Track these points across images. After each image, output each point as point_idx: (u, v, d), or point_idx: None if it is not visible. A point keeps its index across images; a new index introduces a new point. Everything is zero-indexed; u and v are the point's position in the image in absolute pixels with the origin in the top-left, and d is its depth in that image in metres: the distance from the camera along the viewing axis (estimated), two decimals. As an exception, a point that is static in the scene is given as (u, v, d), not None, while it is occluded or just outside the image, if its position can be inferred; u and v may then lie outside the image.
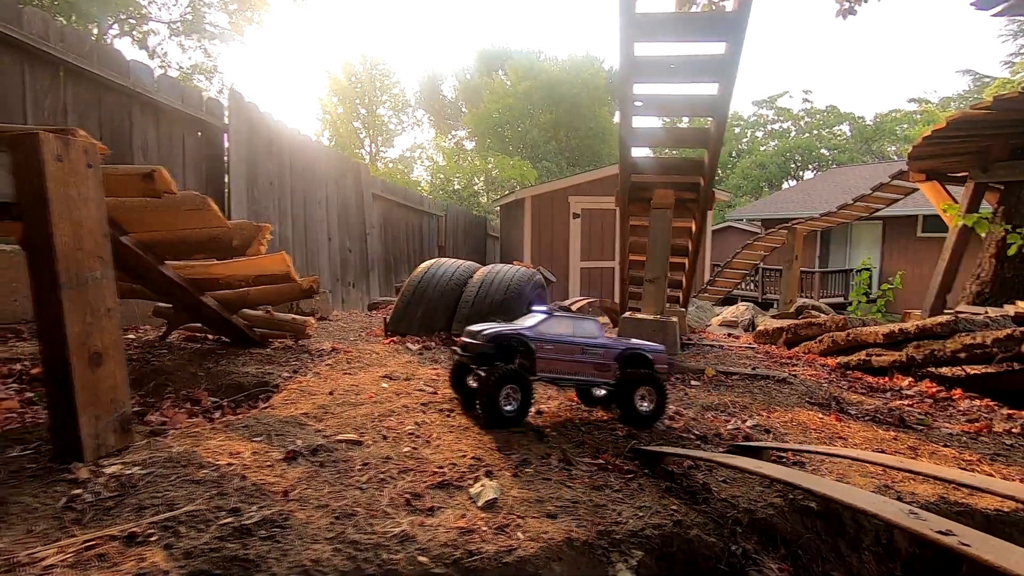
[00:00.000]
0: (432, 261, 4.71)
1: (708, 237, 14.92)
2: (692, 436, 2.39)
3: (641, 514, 1.66)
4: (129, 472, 1.59)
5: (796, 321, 5.32)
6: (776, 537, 1.75)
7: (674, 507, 1.72)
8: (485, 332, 2.25)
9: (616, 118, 32.02)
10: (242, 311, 3.13)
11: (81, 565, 1.18)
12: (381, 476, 1.71)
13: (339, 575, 1.25)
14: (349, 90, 29.79)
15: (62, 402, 1.60)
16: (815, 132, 37.34)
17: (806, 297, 12.30)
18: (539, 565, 1.40)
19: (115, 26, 20.42)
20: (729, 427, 2.57)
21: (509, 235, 16.63)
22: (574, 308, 7.93)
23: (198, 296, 2.72)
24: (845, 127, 37.85)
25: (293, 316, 3.38)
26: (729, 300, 13.98)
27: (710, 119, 4.05)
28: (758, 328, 5.65)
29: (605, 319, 8.68)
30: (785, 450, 2.22)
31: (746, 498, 1.83)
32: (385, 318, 4.58)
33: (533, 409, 2.48)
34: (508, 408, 2.16)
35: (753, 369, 3.99)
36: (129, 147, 5.33)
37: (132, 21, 20.89)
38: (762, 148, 38.22)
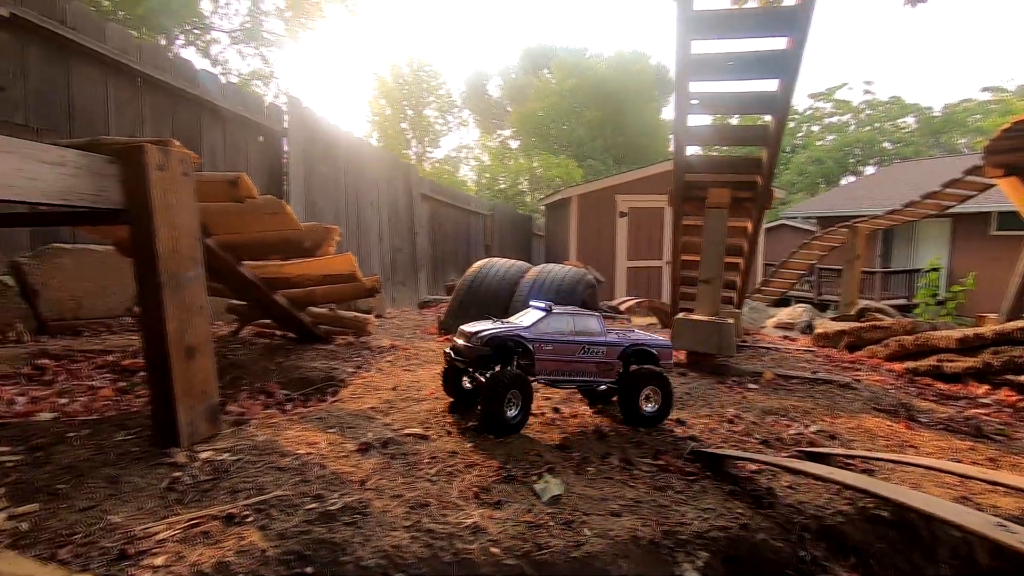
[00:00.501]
0: (484, 261, 4.79)
1: (761, 236, 14.46)
2: (753, 440, 2.36)
3: (706, 516, 1.66)
4: (220, 458, 1.71)
5: (859, 324, 5.11)
6: (846, 545, 1.71)
7: (739, 510, 1.71)
8: (482, 334, 2.11)
9: (665, 115, 31.53)
10: (308, 309, 3.29)
11: (189, 541, 1.30)
12: (449, 469, 1.78)
13: (418, 561, 1.32)
14: (396, 92, 30.43)
15: (162, 392, 1.74)
16: (876, 125, 35.50)
17: (866, 298, 11.75)
18: (607, 561, 1.43)
19: (181, 36, 21.59)
20: (791, 432, 2.52)
21: (554, 234, 16.61)
22: (622, 308, 7.87)
23: (271, 294, 2.88)
24: (910, 119, 35.82)
25: (355, 314, 3.52)
26: (783, 301, 13.51)
27: (770, 116, 3.95)
28: (817, 331, 5.46)
29: (654, 319, 8.57)
30: (853, 457, 2.16)
31: (813, 504, 1.81)
32: (438, 316, 4.70)
33: (548, 408, 2.44)
34: (511, 414, 2.05)
35: (813, 373, 3.87)
36: (199, 152, 5.66)
37: (196, 31, 22.05)
38: (818, 143, 36.65)
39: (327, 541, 1.33)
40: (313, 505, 1.47)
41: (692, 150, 4.66)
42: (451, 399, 2.37)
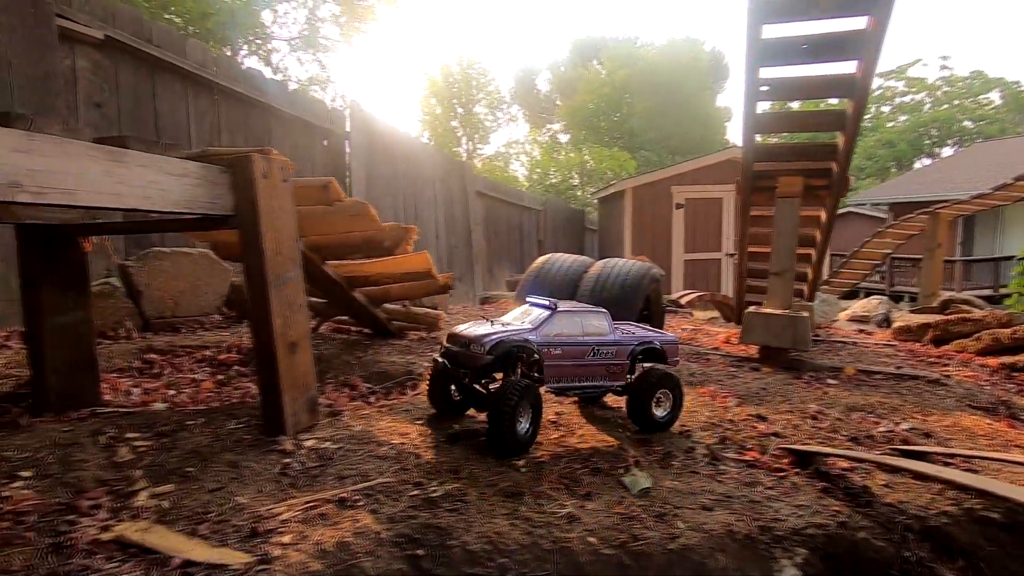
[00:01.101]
0: (547, 256, 4.81)
1: (827, 225, 13.75)
2: (840, 437, 2.29)
3: (801, 513, 1.63)
4: (323, 446, 1.83)
5: (944, 317, 4.82)
6: (952, 547, 1.64)
7: (835, 508, 1.68)
8: (485, 340, 1.86)
9: (720, 103, 30.45)
10: (383, 306, 3.42)
11: (309, 521, 1.40)
12: (537, 461, 1.83)
13: (520, 547, 1.38)
14: (446, 91, 30.83)
15: (269, 384, 1.88)
16: (955, 103, 33.01)
17: (946, 289, 10.98)
18: (703, 554, 1.44)
19: (244, 47, 22.71)
20: (881, 429, 2.42)
21: (608, 228, 16.42)
22: (683, 302, 7.71)
23: (351, 292, 3.02)
24: (994, 95, 33.10)
25: (427, 310, 3.64)
26: (852, 294, 12.84)
27: (847, 100, 3.77)
28: (897, 324, 5.19)
29: (716, 313, 8.35)
30: (953, 455, 2.06)
31: (914, 504, 1.74)
32: (504, 312, 4.76)
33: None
34: (522, 430, 1.83)
35: (897, 368, 3.69)
36: (273, 158, 5.95)
37: (258, 41, 23.15)
38: (889, 124, 34.45)
39: (433, 526, 1.41)
40: (416, 492, 1.55)
41: (763, 138, 4.51)
42: (434, 410, 2.16)
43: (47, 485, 1.53)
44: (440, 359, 2.03)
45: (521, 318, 2.08)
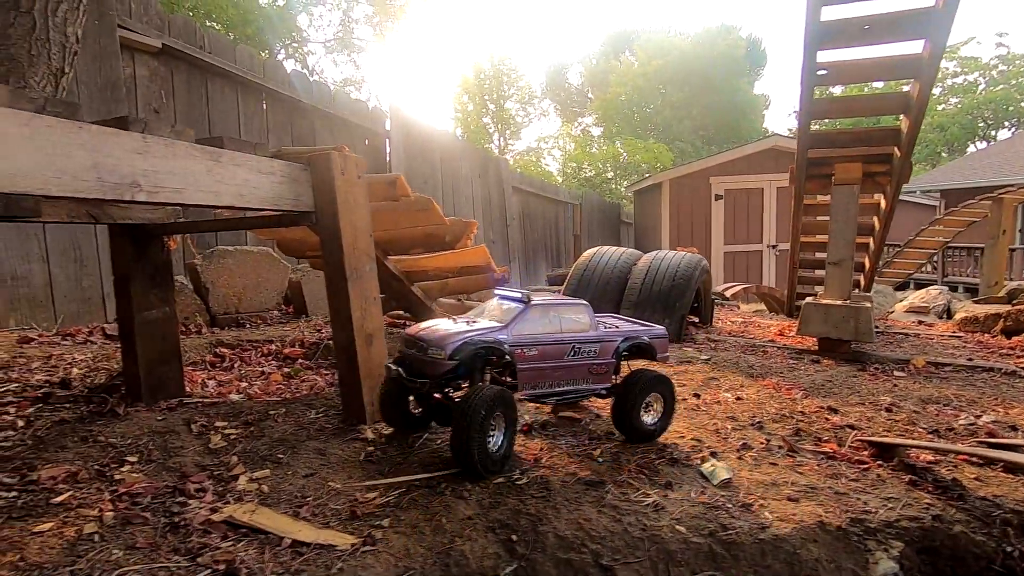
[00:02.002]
0: (595, 249, 4.79)
1: (876, 213, 13.22)
2: (920, 429, 2.21)
3: (891, 505, 1.59)
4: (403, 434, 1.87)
5: (1015, 307, 4.59)
6: (1055, 543, 1.57)
7: (927, 501, 1.63)
8: (447, 343, 1.59)
9: (758, 90, 29.60)
10: (438, 300, 3.48)
11: (402, 506, 1.44)
12: (612, 450, 1.83)
13: (610, 534, 1.39)
14: (478, 87, 30.93)
15: (349, 375, 1.94)
16: (1013, 83, 31.24)
17: (1009, 279, 10.43)
18: (796, 545, 1.42)
19: (282, 51, 23.27)
20: (962, 422, 2.33)
21: (643, 221, 16.23)
22: (728, 294, 7.56)
23: (409, 287, 3.08)
24: (1055, 72, 31.16)
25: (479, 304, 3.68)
26: (902, 285, 12.35)
27: (911, 82, 3.63)
28: (961, 314, 4.97)
29: (761, 306, 8.16)
30: (1046, 450, 1.97)
31: (1010, 498, 1.67)
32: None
33: None
34: (494, 446, 1.58)
35: (968, 360, 3.54)
36: (322, 158, 6.09)
37: (295, 44, 23.67)
38: (940, 107, 32.86)
39: (523, 512, 1.43)
40: (501, 480, 1.57)
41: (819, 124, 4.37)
42: (390, 428, 1.87)
43: (153, 469, 1.62)
44: (393, 366, 1.70)
45: (490, 314, 1.81)
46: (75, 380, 2.42)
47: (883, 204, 4.50)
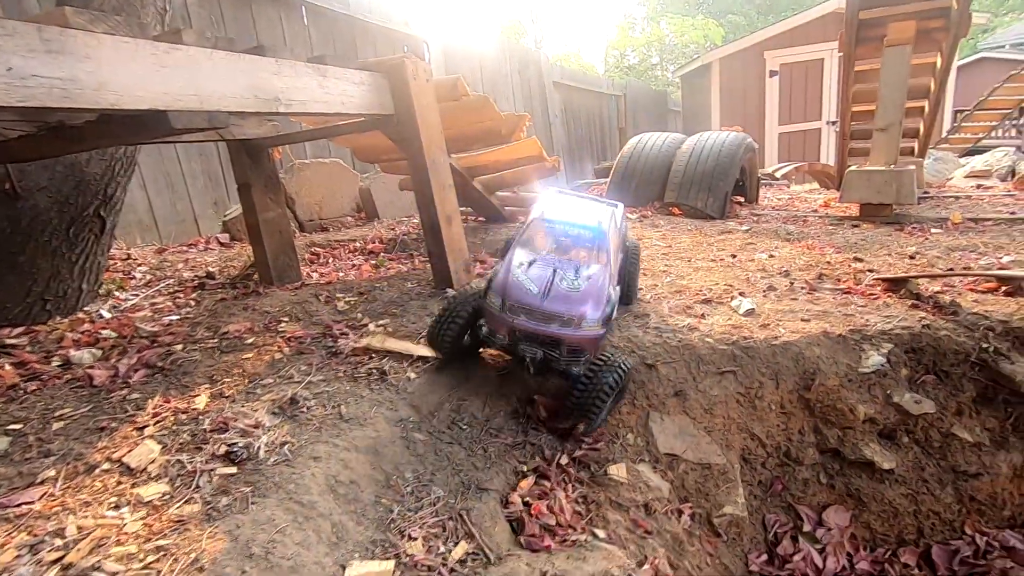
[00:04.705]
0: (637, 138, 4.94)
1: (953, 75, 12.09)
2: (937, 271, 2.48)
3: (889, 320, 1.94)
4: (484, 293, 2.33)
5: (1078, 160, 4.48)
6: (1032, 342, 1.89)
7: (922, 315, 1.96)
8: (597, 313, 1.49)
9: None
10: (495, 193, 3.84)
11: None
12: (657, 295, 2.23)
13: (652, 345, 1.82)
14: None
15: (437, 248, 2.38)
16: None
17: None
18: (801, 347, 1.81)
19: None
20: (981, 263, 2.57)
21: (692, 107, 15.53)
22: (778, 175, 7.50)
23: (471, 182, 3.44)
24: None
25: (534, 195, 4.01)
26: (975, 151, 11.57)
27: (973, -78, 3.43)
28: (1021, 173, 4.89)
29: (815, 184, 8.03)
30: (1049, 276, 2.21)
31: (1000, 312, 1.97)
32: (601, 193, 5.04)
33: None
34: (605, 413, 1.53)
35: (1011, 213, 3.63)
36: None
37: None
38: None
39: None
40: (565, 315, 2.01)
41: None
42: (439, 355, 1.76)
43: (303, 325, 2.16)
44: (488, 329, 1.58)
45: (561, 244, 1.69)
46: (216, 274, 3.00)
47: (939, 62, 4.36)
